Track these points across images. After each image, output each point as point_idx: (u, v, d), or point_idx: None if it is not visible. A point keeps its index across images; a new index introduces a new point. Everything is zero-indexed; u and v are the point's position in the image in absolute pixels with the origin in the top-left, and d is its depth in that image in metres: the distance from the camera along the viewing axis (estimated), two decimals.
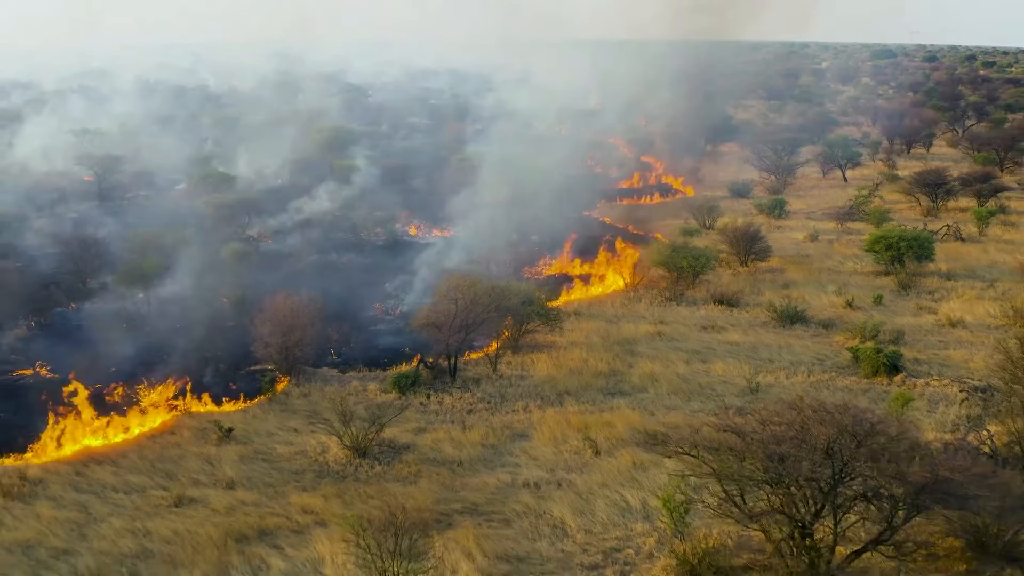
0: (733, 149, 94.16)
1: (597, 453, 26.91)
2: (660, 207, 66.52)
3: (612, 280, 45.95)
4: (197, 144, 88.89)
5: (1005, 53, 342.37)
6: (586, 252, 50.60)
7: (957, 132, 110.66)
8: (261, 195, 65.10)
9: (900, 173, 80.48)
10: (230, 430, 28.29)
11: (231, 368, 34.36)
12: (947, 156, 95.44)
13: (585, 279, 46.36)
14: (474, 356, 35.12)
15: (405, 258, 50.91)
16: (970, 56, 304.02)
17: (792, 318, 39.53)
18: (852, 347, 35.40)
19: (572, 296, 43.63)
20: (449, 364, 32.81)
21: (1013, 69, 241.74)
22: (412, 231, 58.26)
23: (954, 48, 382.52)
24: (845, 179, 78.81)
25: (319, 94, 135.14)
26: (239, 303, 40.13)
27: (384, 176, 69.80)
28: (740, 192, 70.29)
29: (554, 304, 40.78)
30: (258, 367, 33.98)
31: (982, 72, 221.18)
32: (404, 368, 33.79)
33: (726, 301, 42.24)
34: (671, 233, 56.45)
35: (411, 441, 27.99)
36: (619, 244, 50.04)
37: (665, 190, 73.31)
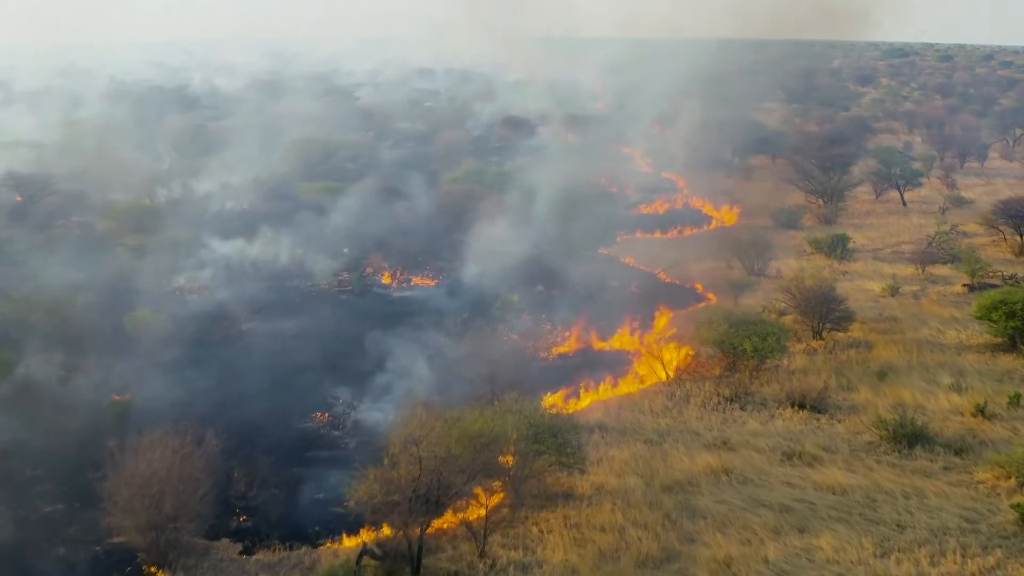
0: (765, 162, 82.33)
1: None
2: (693, 242, 54.09)
3: (647, 365, 33.94)
4: (156, 157, 76.58)
5: (1016, 52, 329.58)
6: (608, 314, 38.85)
7: (1008, 142, 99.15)
8: (205, 225, 53.20)
9: (965, 195, 68.77)
10: None
11: (81, 541, 22.53)
12: (1007, 171, 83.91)
13: (609, 363, 34.42)
14: (450, 524, 23.14)
15: (373, 321, 39.02)
16: (987, 56, 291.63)
17: (911, 438, 27.71)
18: (1020, 505, 23.59)
19: (594, 394, 31.58)
20: (410, 553, 20.82)
21: None
22: (385, 279, 46.23)
23: (961, 47, 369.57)
24: (904, 203, 66.72)
25: (305, 96, 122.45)
26: (123, 413, 28.24)
27: (360, 202, 57.27)
28: (787, 222, 58.05)
29: (569, 409, 29.02)
30: (123, 540, 22.20)
31: (1000, 72, 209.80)
32: (345, 545, 21.99)
33: (809, 405, 30.33)
34: (714, 283, 44.67)
35: None
36: (657, 320, 38.17)
37: (695, 218, 61.07)
